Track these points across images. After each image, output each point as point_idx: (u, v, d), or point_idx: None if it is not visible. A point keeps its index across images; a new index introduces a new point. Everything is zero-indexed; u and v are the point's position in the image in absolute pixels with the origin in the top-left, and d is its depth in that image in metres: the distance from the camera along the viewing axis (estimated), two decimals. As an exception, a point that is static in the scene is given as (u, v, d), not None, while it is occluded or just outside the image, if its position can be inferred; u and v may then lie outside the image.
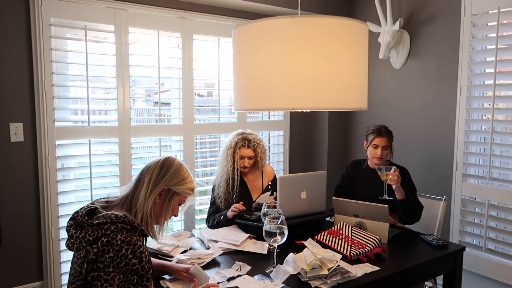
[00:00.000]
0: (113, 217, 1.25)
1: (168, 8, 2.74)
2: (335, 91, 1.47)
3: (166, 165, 1.41)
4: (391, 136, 2.38)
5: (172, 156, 1.46)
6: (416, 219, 2.27)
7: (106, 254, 1.19)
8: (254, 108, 1.63)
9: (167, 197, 1.40)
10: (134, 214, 1.34)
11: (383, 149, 2.32)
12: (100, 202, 1.40)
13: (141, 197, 1.35)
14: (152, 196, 1.36)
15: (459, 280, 1.99)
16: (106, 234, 1.22)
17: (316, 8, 3.23)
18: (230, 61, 2.05)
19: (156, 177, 1.38)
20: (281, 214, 1.63)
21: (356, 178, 2.50)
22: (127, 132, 2.69)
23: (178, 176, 1.41)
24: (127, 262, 1.20)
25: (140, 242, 1.24)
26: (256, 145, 2.40)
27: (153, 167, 1.41)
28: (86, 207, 1.34)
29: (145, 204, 1.35)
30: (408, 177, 2.37)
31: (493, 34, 2.47)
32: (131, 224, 1.26)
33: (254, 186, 2.47)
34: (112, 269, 1.19)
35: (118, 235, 1.22)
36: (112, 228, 1.23)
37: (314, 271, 1.52)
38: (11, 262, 2.39)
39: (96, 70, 2.60)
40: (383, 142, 2.32)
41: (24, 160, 2.38)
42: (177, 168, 1.42)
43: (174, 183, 1.40)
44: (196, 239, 1.99)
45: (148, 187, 1.36)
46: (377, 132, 2.34)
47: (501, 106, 2.52)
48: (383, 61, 3.16)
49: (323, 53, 1.43)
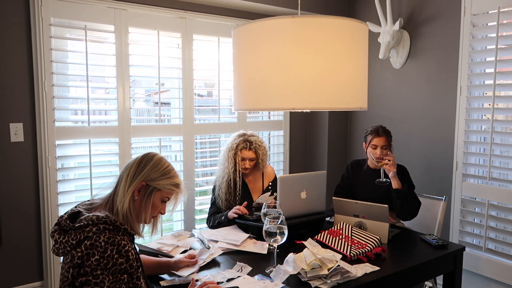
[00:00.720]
0: (94, 219, 1.21)
1: (168, 8, 2.74)
2: (335, 91, 1.47)
3: (144, 160, 1.36)
4: (390, 135, 2.39)
5: (153, 152, 1.40)
6: (414, 214, 2.27)
7: (92, 257, 1.16)
8: (254, 108, 1.62)
9: (146, 193, 1.34)
10: (115, 213, 1.30)
11: (382, 148, 2.33)
12: (83, 205, 1.36)
13: (120, 194, 1.31)
14: (129, 192, 1.31)
15: (459, 280, 1.99)
16: (89, 236, 1.18)
17: (316, 8, 3.23)
18: (230, 61, 2.05)
19: (134, 173, 1.33)
20: (281, 214, 1.63)
21: (356, 178, 2.50)
22: (127, 132, 2.69)
23: (157, 171, 1.35)
24: (114, 262, 1.18)
25: (125, 242, 1.21)
26: (258, 147, 2.39)
27: (132, 162, 1.36)
28: (70, 211, 1.31)
29: (123, 201, 1.30)
30: (407, 175, 2.38)
31: (493, 34, 2.47)
32: (113, 224, 1.23)
33: (254, 187, 2.47)
34: (100, 272, 1.16)
35: (101, 236, 1.18)
36: (94, 229, 1.19)
37: (314, 271, 1.52)
38: (11, 262, 2.39)
39: (96, 70, 2.60)
40: (381, 141, 2.33)
41: (24, 160, 2.38)
42: (156, 163, 1.36)
43: (153, 178, 1.34)
44: (196, 239, 1.99)
45: (126, 183, 1.32)
46: (375, 133, 2.36)
47: (501, 106, 2.52)
48: (383, 61, 3.16)
49: (323, 53, 1.43)
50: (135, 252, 1.30)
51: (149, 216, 1.37)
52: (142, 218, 1.36)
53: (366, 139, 2.41)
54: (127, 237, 1.26)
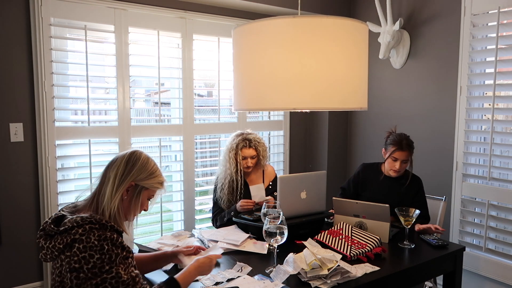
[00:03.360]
0: (79, 220, 1.19)
1: (168, 8, 2.74)
2: (335, 91, 1.47)
3: (132, 159, 1.34)
4: (412, 148, 2.26)
5: (138, 150, 1.39)
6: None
7: (91, 259, 1.15)
8: (254, 108, 1.62)
9: (135, 193, 1.34)
10: (101, 212, 1.29)
11: (402, 162, 2.24)
12: (67, 208, 1.34)
13: (107, 194, 1.29)
14: (119, 192, 1.30)
15: (459, 280, 1.99)
16: (76, 239, 1.17)
17: (316, 8, 3.23)
18: (230, 61, 2.05)
19: (122, 173, 1.31)
20: (281, 214, 1.63)
21: (368, 182, 2.41)
22: (127, 132, 2.69)
23: (145, 171, 1.34)
24: (117, 253, 1.18)
25: (115, 235, 1.21)
26: (257, 144, 2.41)
27: (118, 162, 1.33)
28: (54, 215, 1.28)
29: (111, 201, 1.28)
30: (422, 189, 2.31)
31: (493, 34, 2.47)
32: (99, 222, 1.21)
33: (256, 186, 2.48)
34: (109, 267, 1.16)
35: (91, 237, 1.17)
36: (80, 231, 1.18)
37: (314, 271, 1.52)
38: (11, 262, 2.39)
39: (96, 70, 2.60)
40: (403, 156, 2.22)
41: (24, 160, 2.38)
42: (144, 162, 1.35)
43: (142, 178, 1.33)
44: (196, 239, 1.99)
45: (114, 184, 1.29)
46: (398, 145, 2.22)
47: (501, 106, 2.52)
48: (383, 61, 3.16)
49: (323, 53, 1.43)
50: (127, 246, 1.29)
51: (136, 214, 1.38)
52: (131, 217, 1.37)
53: (387, 148, 2.28)
54: (115, 233, 1.25)
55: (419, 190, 2.29)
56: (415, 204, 2.26)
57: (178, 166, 2.98)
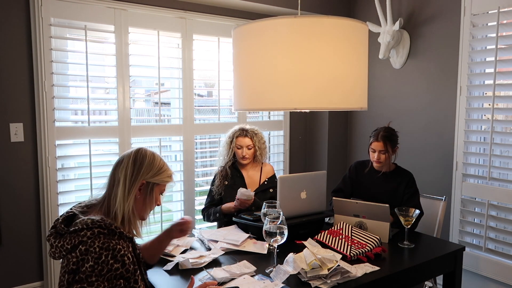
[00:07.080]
0: (89, 222, 1.19)
1: (168, 8, 2.74)
2: (335, 91, 1.47)
3: (139, 158, 1.33)
4: (390, 140, 2.29)
5: (142, 147, 1.39)
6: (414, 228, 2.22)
7: (86, 264, 1.14)
8: (254, 108, 1.63)
9: (148, 190, 1.34)
10: (113, 215, 1.28)
11: (380, 153, 2.28)
12: (79, 207, 1.33)
13: (119, 196, 1.28)
14: (132, 194, 1.29)
15: (459, 280, 1.99)
16: (83, 241, 1.17)
17: (316, 8, 3.23)
18: (230, 61, 2.05)
19: (132, 173, 1.30)
20: (281, 214, 1.63)
21: (359, 179, 2.47)
22: (127, 132, 2.69)
23: (154, 167, 1.34)
24: (109, 268, 1.16)
25: (120, 246, 1.19)
26: (254, 134, 2.46)
27: (125, 162, 1.32)
28: (65, 214, 1.28)
29: (125, 203, 1.28)
30: (412, 181, 2.33)
31: (493, 34, 2.47)
32: (108, 228, 1.20)
33: (252, 181, 2.48)
34: (95, 278, 1.14)
35: (96, 242, 1.16)
36: (89, 234, 1.17)
37: (314, 271, 1.52)
38: (11, 262, 2.39)
39: (96, 70, 2.60)
40: (379, 146, 2.28)
41: (24, 160, 2.38)
42: (151, 159, 1.34)
43: (152, 175, 1.33)
44: (196, 239, 1.99)
45: (126, 185, 1.29)
46: (375, 136, 2.31)
47: (501, 106, 2.52)
48: (383, 61, 3.16)
49: (323, 53, 1.43)
50: (134, 255, 1.28)
51: (152, 210, 1.39)
52: (146, 215, 1.37)
53: (369, 140, 2.37)
54: (123, 241, 1.23)
55: (408, 183, 2.32)
56: (406, 195, 2.30)
57: (178, 166, 2.99)
